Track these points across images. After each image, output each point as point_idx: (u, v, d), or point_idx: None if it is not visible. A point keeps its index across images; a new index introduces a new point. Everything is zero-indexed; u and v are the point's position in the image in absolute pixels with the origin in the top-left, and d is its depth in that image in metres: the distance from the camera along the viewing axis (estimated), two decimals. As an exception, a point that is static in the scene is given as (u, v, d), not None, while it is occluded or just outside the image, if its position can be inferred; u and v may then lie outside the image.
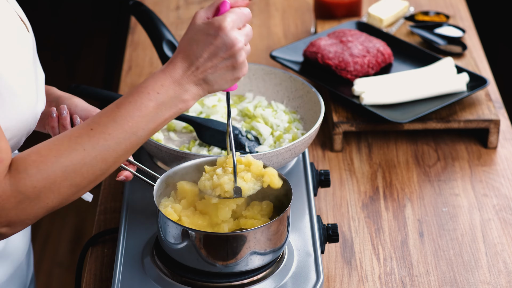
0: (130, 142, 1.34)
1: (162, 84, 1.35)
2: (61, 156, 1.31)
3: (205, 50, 1.35)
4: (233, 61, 1.36)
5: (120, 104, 1.35)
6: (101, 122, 1.34)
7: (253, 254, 1.48)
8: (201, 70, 1.36)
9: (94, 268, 1.68)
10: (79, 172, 1.32)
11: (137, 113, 1.34)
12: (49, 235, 3.37)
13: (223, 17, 1.35)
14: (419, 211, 1.83)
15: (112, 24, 3.96)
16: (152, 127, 1.36)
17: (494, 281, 1.67)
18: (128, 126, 1.34)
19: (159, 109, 1.35)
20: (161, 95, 1.35)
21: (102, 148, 1.32)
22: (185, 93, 1.36)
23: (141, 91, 1.35)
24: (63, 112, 1.56)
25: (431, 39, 2.25)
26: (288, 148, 1.70)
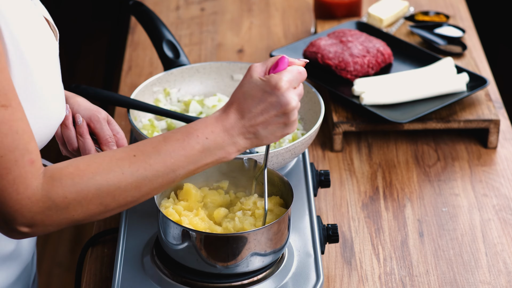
0: (168, 177, 1.35)
1: (213, 130, 1.37)
2: (98, 174, 1.31)
3: (259, 105, 1.37)
4: (286, 119, 1.38)
5: (168, 138, 1.36)
6: (145, 151, 1.35)
7: (253, 255, 1.48)
8: (252, 124, 1.38)
9: (94, 268, 1.68)
10: (112, 193, 1.32)
11: (181, 152, 1.35)
12: (49, 235, 3.37)
13: (280, 76, 1.37)
14: (419, 211, 1.83)
15: (112, 24, 3.96)
16: (191, 169, 1.37)
17: (494, 281, 1.67)
18: (170, 162, 1.35)
19: (204, 153, 1.36)
20: (209, 141, 1.36)
21: (139, 177, 1.33)
22: (232, 145, 1.38)
23: (190, 132, 1.36)
24: (66, 111, 1.56)
25: (431, 39, 2.25)
26: (288, 148, 1.70)
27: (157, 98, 1.91)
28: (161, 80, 1.92)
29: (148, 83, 1.90)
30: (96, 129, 1.59)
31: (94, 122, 1.59)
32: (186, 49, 2.37)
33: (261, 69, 1.39)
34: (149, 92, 1.90)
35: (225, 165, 1.59)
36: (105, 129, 1.59)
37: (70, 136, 1.57)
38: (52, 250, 3.32)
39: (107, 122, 1.61)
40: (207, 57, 2.35)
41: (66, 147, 1.59)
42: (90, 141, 1.57)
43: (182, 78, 1.94)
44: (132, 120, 1.77)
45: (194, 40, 2.42)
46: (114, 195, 1.33)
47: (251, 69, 1.39)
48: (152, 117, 1.87)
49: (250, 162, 1.58)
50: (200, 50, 2.38)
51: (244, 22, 2.50)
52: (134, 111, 1.83)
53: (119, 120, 2.09)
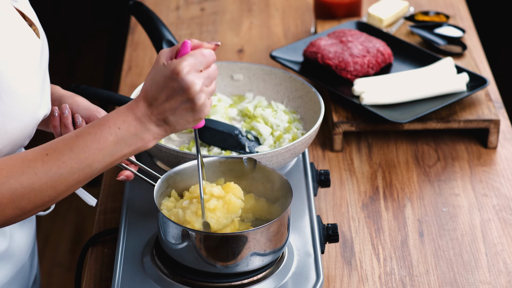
0: (84, 173, 1.33)
1: (124, 120, 1.34)
2: (11, 178, 1.29)
3: (163, 92, 1.34)
4: (191, 104, 1.34)
5: (80, 134, 1.34)
6: (57, 148, 1.32)
7: (253, 254, 1.48)
8: (160, 111, 1.35)
9: (94, 268, 1.68)
10: (27, 196, 1.30)
11: (94, 145, 1.33)
12: (49, 235, 3.37)
13: (179, 60, 1.33)
14: (419, 211, 1.83)
15: (112, 24, 3.96)
16: (108, 161, 1.34)
17: (494, 281, 1.67)
18: (84, 157, 1.32)
19: (118, 144, 1.34)
20: (122, 130, 1.34)
21: (54, 175, 1.31)
22: (146, 132, 1.35)
23: (102, 124, 1.34)
24: (65, 111, 1.56)
25: (431, 39, 2.25)
26: (288, 148, 1.70)
27: (157, 98, 1.91)
28: (161, 80, 1.92)
29: (148, 83, 1.89)
30: None
31: None
32: (186, 49, 2.37)
33: (167, 55, 1.36)
34: (149, 92, 1.90)
35: (225, 165, 1.59)
36: None
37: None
38: (52, 250, 3.32)
39: None
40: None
41: None
42: None
43: (182, 78, 1.94)
44: (132, 120, 1.77)
45: (194, 40, 2.42)
46: (29, 197, 1.31)
47: (159, 55, 1.36)
48: (152, 117, 1.87)
49: (250, 162, 1.58)
50: (200, 50, 2.38)
51: (244, 22, 2.50)
52: (134, 111, 1.83)
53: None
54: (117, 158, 1.35)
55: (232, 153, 1.78)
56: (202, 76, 1.35)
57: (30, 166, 1.31)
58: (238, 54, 2.35)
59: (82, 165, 1.32)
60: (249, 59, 2.32)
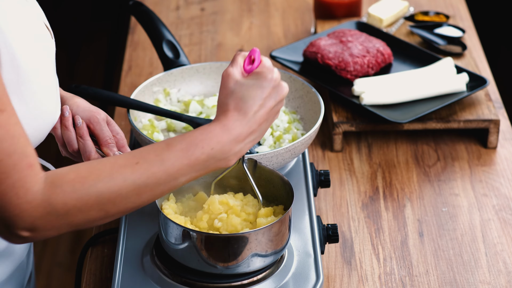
0: (169, 185, 1.35)
1: (219, 141, 1.35)
2: (100, 181, 1.31)
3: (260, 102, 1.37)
4: (281, 104, 1.40)
5: (171, 147, 1.35)
6: (148, 158, 1.33)
7: (254, 255, 1.48)
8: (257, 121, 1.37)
9: (94, 268, 1.68)
10: (113, 200, 1.32)
11: (185, 162, 1.34)
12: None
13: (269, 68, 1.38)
14: (419, 211, 1.83)
15: (112, 24, 3.97)
16: (193, 176, 1.36)
17: (494, 281, 1.67)
18: (173, 171, 1.34)
19: (208, 162, 1.35)
20: (215, 151, 1.35)
21: (141, 184, 1.32)
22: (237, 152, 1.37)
23: (194, 143, 1.35)
24: (66, 112, 1.56)
25: (431, 39, 2.25)
26: (288, 148, 1.70)
27: (157, 98, 1.91)
28: (161, 80, 1.92)
29: (148, 83, 1.90)
30: (95, 130, 1.59)
31: (94, 123, 1.59)
32: (186, 49, 2.37)
33: (238, 71, 1.38)
34: (149, 92, 1.90)
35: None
36: (105, 130, 1.59)
37: (70, 137, 1.57)
38: (52, 250, 3.32)
39: (107, 123, 1.61)
40: (207, 57, 2.35)
41: (66, 148, 1.60)
42: (90, 142, 1.57)
43: (182, 78, 1.94)
44: (132, 120, 1.77)
45: (194, 40, 2.42)
46: (115, 202, 1.32)
47: (229, 75, 1.38)
48: (152, 117, 1.87)
49: (250, 162, 1.58)
50: (200, 50, 2.38)
51: (244, 22, 2.50)
52: (134, 111, 1.84)
53: (119, 120, 2.09)
54: (202, 173, 1.37)
55: (232, 153, 1.77)
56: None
57: (120, 173, 1.32)
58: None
59: (169, 178, 1.34)
60: (249, 59, 2.32)
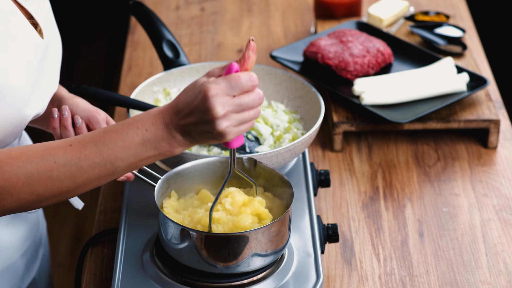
0: (105, 169, 1.33)
1: (153, 122, 1.33)
2: (29, 163, 1.30)
3: (189, 106, 1.32)
4: (210, 127, 1.31)
5: (107, 130, 1.34)
6: (82, 141, 1.33)
7: (254, 255, 1.48)
8: (184, 123, 1.33)
9: (94, 268, 1.68)
10: (43, 183, 1.31)
11: (119, 143, 1.32)
12: (49, 235, 3.36)
13: (211, 81, 1.31)
14: (419, 211, 1.83)
15: (112, 24, 3.96)
16: (131, 161, 1.34)
17: (494, 281, 1.67)
18: (107, 153, 1.32)
19: (144, 145, 1.33)
20: (149, 133, 1.33)
21: (73, 167, 1.31)
22: (172, 139, 1.34)
23: (130, 124, 1.33)
24: (65, 112, 1.56)
25: (431, 39, 2.25)
26: (288, 148, 1.70)
27: (157, 98, 1.91)
28: (161, 80, 1.92)
29: (148, 83, 1.90)
30: None
31: (93, 123, 1.58)
32: (186, 49, 2.37)
33: (215, 71, 1.34)
34: (149, 92, 1.90)
35: (225, 165, 1.59)
36: None
37: (69, 137, 1.57)
38: (52, 250, 3.32)
39: (106, 123, 1.61)
40: (207, 57, 2.35)
41: None
42: None
43: (182, 78, 1.94)
44: (132, 120, 1.77)
45: (194, 40, 2.42)
46: (46, 184, 1.31)
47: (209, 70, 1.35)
48: (152, 117, 1.87)
49: (250, 162, 1.58)
50: (200, 50, 2.38)
51: (244, 22, 2.50)
52: (134, 111, 1.83)
53: (119, 120, 2.09)
54: (141, 159, 1.34)
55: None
56: (232, 103, 1.31)
57: (51, 154, 1.31)
58: (238, 54, 2.35)
59: (104, 160, 1.32)
60: (249, 59, 2.32)
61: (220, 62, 1.96)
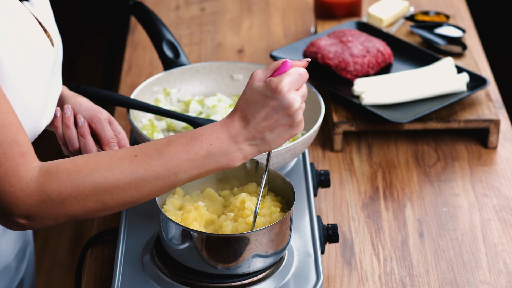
0: (168, 180, 1.35)
1: (218, 137, 1.36)
2: (96, 171, 1.32)
3: (262, 111, 1.36)
4: (290, 121, 1.37)
5: (171, 142, 1.35)
6: (147, 152, 1.34)
7: (255, 256, 1.47)
8: (258, 130, 1.37)
9: (94, 268, 1.68)
10: (109, 191, 1.32)
11: (184, 156, 1.35)
12: (49, 235, 3.37)
13: (280, 78, 1.36)
14: (419, 211, 1.83)
15: (112, 24, 3.96)
16: (194, 174, 1.36)
17: (494, 281, 1.67)
18: (172, 166, 1.34)
19: (207, 159, 1.36)
20: (214, 147, 1.36)
21: (139, 177, 1.33)
22: (237, 151, 1.37)
23: (195, 138, 1.36)
24: (67, 111, 1.56)
25: (431, 39, 2.25)
26: (288, 148, 1.70)
27: (157, 98, 1.91)
28: (161, 80, 1.92)
29: (148, 83, 1.90)
30: (97, 130, 1.59)
31: (96, 123, 1.59)
32: (186, 49, 2.37)
33: (262, 75, 1.38)
34: (149, 92, 1.90)
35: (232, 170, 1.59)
36: (107, 129, 1.59)
37: (72, 136, 1.57)
38: (52, 250, 3.32)
39: (109, 122, 1.61)
40: (207, 57, 2.35)
41: (67, 147, 1.59)
42: (91, 141, 1.57)
43: (182, 78, 1.94)
44: (132, 120, 1.77)
45: (194, 40, 2.42)
46: (111, 193, 1.32)
47: (252, 76, 1.39)
48: (152, 117, 1.87)
49: (252, 163, 1.58)
50: (200, 50, 2.38)
51: (244, 22, 2.50)
52: (134, 111, 1.83)
53: (119, 120, 2.09)
54: (203, 172, 1.37)
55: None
56: (299, 94, 1.38)
57: (117, 164, 1.33)
58: (238, 54, 2.35)
59: (168, 172, 1.34)
60: (249, 59, 2.32)
61: (220, 62, 1.96)
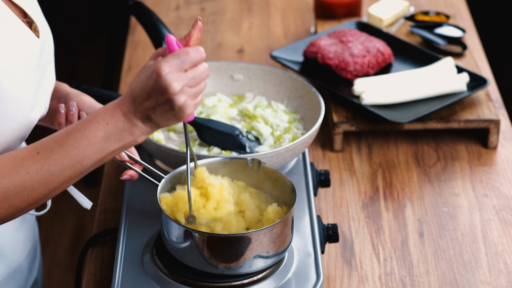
0: (75, 169, 1.34)
1: (112, 115, 1.34)
2: (3, 177, 1.30)
3: (144, 90, 1.34)
4: (170, 104, 1.33)
5: (69, 131, 1.34)
6: (48, 146, 1.33)
7: (256, 257, 1.47)
8: (142, 109, 1.35)
9: (94, 268, 1.68)
10: (20, 194, 1.31)
11: (84, 142, 1.33)
12: (49, 235, 3.37)
13: (161, 60, 1.33)
14: (419, 211, 1.83)
15: (112, 24, 3.96)
16: (98, 157, 1.35)
17: (494, 281, 1.67)
18: (74, 154, 1.33)
19: (108, 139, 1.34)
20: (110, 126, 1.34)
21: (45, 173, 1.32)
22: (133, 127, 1.35)
23: (91, 120, 1.34)
24: (72, 108, 1.56)
25: (431, 39, 2.25)
26: (288, 148, 1.70)
27: (157, 98, 1.91)
28: (161, 80, 1.92)
29: (148, 83, 1.89)
30: None
31: None
32: (186, 49, 2.37)
33: (157, 53, 1.36)
34: (149, 92, 1.90)
35: (229, 165, 1.59)
36: None
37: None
38: (52, 250, 3.32)
39: None
40: (207, 57, 2.35)
41: None
42: None
43: (182, 78, 1.94)
44: (132, 120, 1.77)
45: (194, 40, 2.42)
46: (22, 195, 1.31)
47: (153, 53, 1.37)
48: (152, 117, 1.87)
49: (254, 163, 1.58)
50: (200, 50, 2.38)
51: (244, 22, 2.50)
52: (134, 111, 1.83)
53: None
54: (107, 153, 1.35)
55: (232, 153, 1.78)
56: (186, 77, 1.33)
57: (22, 165, 1.31)
58: (238, 54, 2.36)
59: (72, 161, 1.33)
60: (249, 59, 2.32)
61: (220, 62, 1.97)
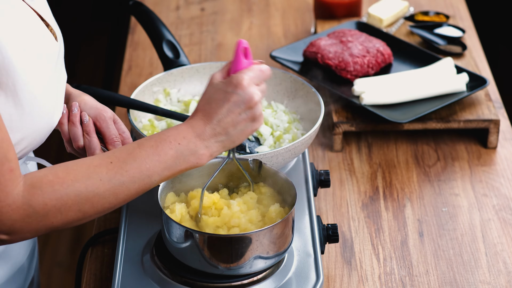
0: (144, 183, 1.37)
1: (185, 136, 1.39)
2: (77, 181, 1.33)
3: (224, 106, 1.39)
4: (252, 114, 1.40)
5: (142, 145, 1.38)
6: (120, 157, 1.36)
7: (257, 257, 1.47)
8: (221, 126, 1.39)
9: (94, 268, 1.68)
10: (90, 200, 1.34)
11: (155, 158, 1.37)
12: (49, 235, 3.37)
13: (240, 74, 1.39)
14: (419, 211, 1.83)
15: (112, 24, 3.97)
16: (166, 175, 1.39)
17: (494, 281, 1.67)
18: (145, 168, 1.37)
19: (177, 159, 1.38)
20: (182, 146, 1.38)
21: (117, 183, 1.35)
22: (204, 149, 1.39)
23: (163, 139, 1.38)
24: (74, 109, 1.57)
25: (431, 39, 2.25)
26: (288, 148, 1.70)
27: (157, 98, 1.91)
28: (161, 80, 1.92)
29: (148, 83, 1.90)
30: (102, 128, 1.59)
31: (100, 121, 1.59)
32: (186, 49, 2.37)
33: (220, 74, 1.41)
34: (149, 92, 1.90)
35: (230, 166, 1.59)
36: (111, 128, 1.60)
37: (77, 134, 1.57)
38: (52, 250, 3.32)
39: (113, 121, 1.61)
40: (207, 57, 2.35)
41: (71, 144, 1.60)
42: (96, 139, 1.57)
43: (182, 78, 1.94)
44: (132, 120, 1.77)
45: (194, 40, 2.42)
46: (92, 202, 1.34)
47: (211, 78, 1.41)
48: (152, 117, 1.87)
49: (255, 163, 1.58)
50: (200, 50, 2.38)
51: (244, 22, 2.50)
52: (134, 111, 1.84)
53: (123, 120, 2.09)
54: (175, 172, 1.39)
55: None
56: (260, 90, 1.41)
57: (95, 172, 1.34)
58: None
59: (142, 175, 1.37)
60: (249, 59, 2.32)
61: (220, 62, 1.96)
